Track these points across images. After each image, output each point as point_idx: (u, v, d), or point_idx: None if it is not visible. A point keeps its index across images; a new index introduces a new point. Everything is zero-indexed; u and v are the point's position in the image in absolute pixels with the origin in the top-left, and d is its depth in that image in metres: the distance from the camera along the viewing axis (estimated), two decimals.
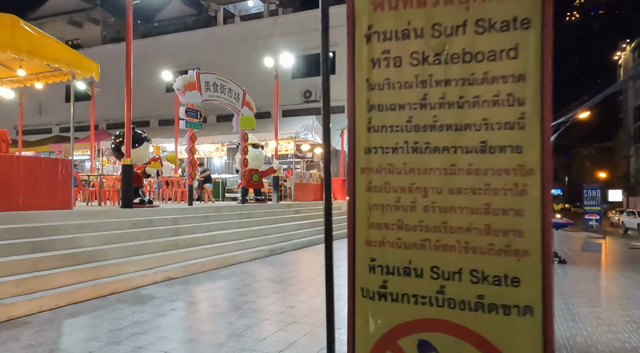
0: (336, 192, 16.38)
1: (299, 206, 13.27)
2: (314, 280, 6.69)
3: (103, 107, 24.64)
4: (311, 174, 15.47)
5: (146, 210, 7.94)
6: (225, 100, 10.67)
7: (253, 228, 9.68)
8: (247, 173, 11.52)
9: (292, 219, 11.72)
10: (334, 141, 17.95)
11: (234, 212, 10.05)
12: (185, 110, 9.36)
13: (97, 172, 16.64)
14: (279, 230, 10.43)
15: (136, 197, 8.48)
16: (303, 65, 20.97)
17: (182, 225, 8.08)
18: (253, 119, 11.66)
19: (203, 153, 17.35)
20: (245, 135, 11.46)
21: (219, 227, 8.89)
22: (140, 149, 8.63)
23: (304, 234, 11.08)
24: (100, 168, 17.18)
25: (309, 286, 6.17)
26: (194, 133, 9.68)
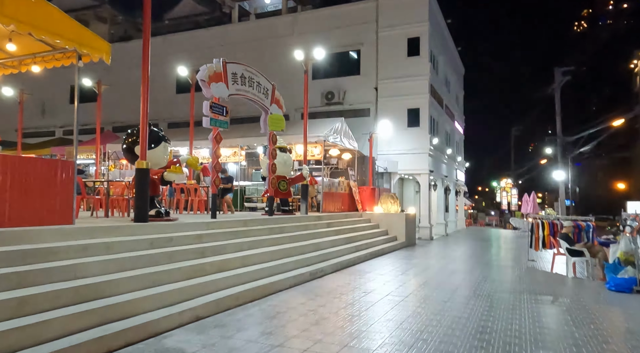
0: (364, 202, 14.87)
1: (330, 218, 11.76)
2: (386, 323, 5.15)
3: (109, 109, 23.28)
4: (339, 183, 13.97)
5: (164, 225, 6.45)
6: (253, 96, 9.22)
7: (287, 246, 8.17)
8: (274, 180, 10.03)
9: (326, 234, 10.20)
10: (360, 146, 16.46)
11: (264, 226, 8.55)
12: (210, 106, 7.91)
13: (103, 177, 15.22)
14: (314, 248, 8.92)
15: (152, 208, 7.00)
16: (324, 65, 19.55)
17: (208, 244, 6.58)
18: (282, 118, 10.21)
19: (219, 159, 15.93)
20: (274, 137, 9.99)
21: (250, 245, 7.39)
22: (157, 151, 7.16)
23: (341, 252, 9.56)
24: (106, 173, 15.76)
25: (385, 330, 4.64)
26: (219, 133, 8.22)
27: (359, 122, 17.86)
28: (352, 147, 15.40)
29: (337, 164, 16.20)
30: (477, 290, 7.10)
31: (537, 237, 10.80)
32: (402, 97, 17.68)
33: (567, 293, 7.14)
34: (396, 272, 8.69)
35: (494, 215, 56.18)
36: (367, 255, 10.38)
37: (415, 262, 10.28)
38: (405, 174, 18.00)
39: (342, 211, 13.88)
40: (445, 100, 21.63)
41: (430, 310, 5.69)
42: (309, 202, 14.38)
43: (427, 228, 16.82)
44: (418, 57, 17.55)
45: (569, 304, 6.27)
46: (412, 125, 17.57)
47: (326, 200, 12.94)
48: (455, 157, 24.17)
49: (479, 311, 5.68)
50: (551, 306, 6.18)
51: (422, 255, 11.86)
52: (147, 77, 6.61)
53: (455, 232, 23.26)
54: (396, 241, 13.39)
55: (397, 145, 17.61)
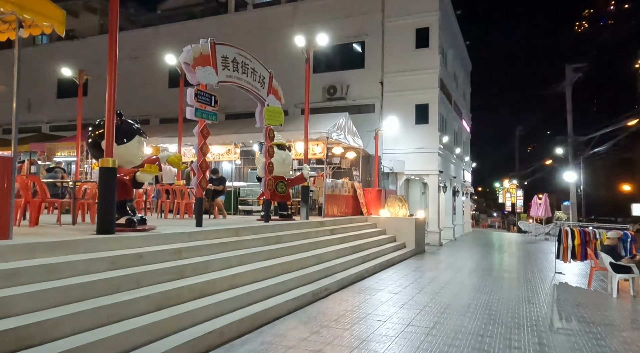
0: (369, 205, 13.66)
1: (333, 224, 10.55)
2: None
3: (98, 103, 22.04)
4: (343, 184, 12.75)
5: (134, 238, 5.23)
6: (247, 85, 8.00)
7: (285, 259, 6.96)
8: (271, 181, 8.81)
9: (329, 243, 8.99)
10: (364, 144, 15.25)
11: (258, 236, 7.34)
12: (196, 94, 6.68)
13: (83, 177, 13.96)
14: (316, 260, 7.71)
15: (122, 216, 5.79)
16: (326, 57, 18.33)
17: (189, 260, 5.36)
18: (281, 111, 8.99)
19: (212, 156, 14.65)
20: (271, 132, 8.77)
21: (241, 260, 6.17)
22: (130, 146, 5.95)
23: (347, 264, 8.35)
24: (89, 172, 14.52)
25: None
26: (206, 126, 6.99)
27: (363, 118, 16.64)
28: (357, 145, 14.19)
29: (340, 164, 14.98)
30: (515, 316, 5.90)
31: (566, 246, 9.59)
32: (409, 91, 16.46)
33: (624, 322, 5.95)
34: (411, 289, 7.48)
35: (496, 216, 55.11)
36: (375, 266, 9.18)
37: (430, 275, 9.08)
38: (413, 174, 16.80)
39: (346, 215, 12.67)
40: (454, 97, 20.43)
41: (467, 349, 4.49)
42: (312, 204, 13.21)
43: (435, 233, 15.62)
44: (427, 49, 16.33)
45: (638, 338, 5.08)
46: (420, 122, 16.36)
47: (329, 203, 11.73)
48: (463, 156, 22.98)
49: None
50: (617, 341, 4.98)
51: (434, 265, 10.66)
52: (115, 52, 5.39)
53: (463, 235, 22.07)
54: (405, 249, 12.19)
55: (404, 144, 16.40)
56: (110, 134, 5.28)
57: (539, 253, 14.61)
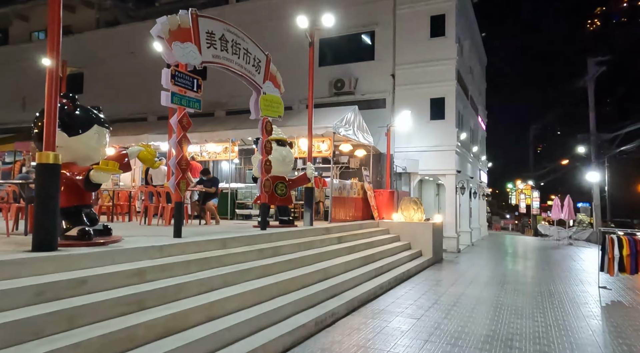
0: (380, 208, 12.37)
1: (341, 230, 9.29)
2: None
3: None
4: (352, 185, 11.48)
5: (82, 256, 4.01)
6: (239, 68, 6.76)
7: (283, 276, 5.71)
8: (269, 182, 7.57)
9: (337, 253, 7.73)
10: (375, 141, 13.96)
11: (251, 247, 6.09)
12: (172, 75, 5.46)
13: None
14: (321, 276, 6.45)
15: (74, 226, 4.58)
16: (333, 49, 17.10)
17: (154, 285, 4.12)
18: (280, 100, 7.75)
19: (207, 155, 13.48)
20: (268, 125, 7.53)
21: (225, 280, 4.93)
22: (86, 138, 4.75)
23: (357, 280, 7.09)
24: None
25: None
26: (186, 115, 5.76)
27: (373, 114, 15.34)
28: (367, 142, 12.90)
29: (348, 163, 13.70)
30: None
31: (612, 257, 8.23)
32: (424, 84, 15.15)
33: None
34: (435, 312, 6.19)
35: (509, 218, 53.40)
36: (390, 281, 7.89)
37: (454, 292, 7.77)
38: (428, 174, 15.48)
39: (356, 219, 11.40)
40: (471, 91, 19.08)
41: None
42: (315, 208, 11.97)
43: (453, 239, 14.28)
44: (443, 38, 15.01)
45: None
46: (435, 118, 15.04)
47: (336, 206, 10.46)
48: (479, 156, 21.59)
49: None
50: None
51: (457, 278, 9.34)
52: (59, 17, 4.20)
53: (480, 240, 20.67)
54: (422, 257, 10.88)
55: (418, 141, 15.09)
56: (51, 120, 4.07)
57: (569, 261, 13.21)
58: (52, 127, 4.08)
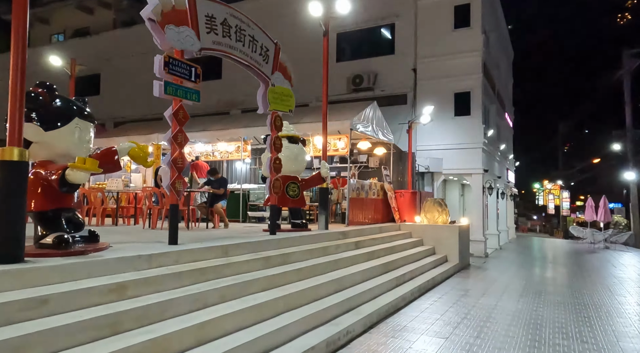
0: (402, 210, 11.60)
1: (359, 234, 8.58)
2: None
3: (111, 103, 20.91)
4: (370, 185, 10.74)
5: (50, 269, 3.42)
6: (243, 56, 6.13)
7: (291, 288, 5.05)
8: (279, 183, 6.91)
9: (354, 260, 7.02)
10: (395, 139, 13.18)
11: (257, 255, 5.45)
12: (166, 63, 4.87)
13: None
14: (335, 287, 5.76)
15: (50, 232, 4.02)
16: (351, 44, 16.40)
17: (134, 302, 3.51)
18: (290, 93, 7.10)
19: (219, 155, 12.95)
20: (277, 120, 6.88)
21: (223, 294, 4.29)
22: (63, 133, 4.20)
23: (376, 290, 6.37)
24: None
25: None
26: (182, 108, 5.16)
27: (393, 111, 14.57)
28: (387, 139, 12.13)
29: (367, 162, 12.96)
30: None
31: None
32: (447, 78, 14.29)
33: None
34: (466, 330, 5.42)
35: (536, 219, 51.50)
36: (413, 291, 7.14)
37: (486, 303, 6.96)
38: (452, 174, 14.60)
39: (375, 222, 10.65)
40: (497, 86, 18.07)
41: None
42: (334, 210, 11.29)
43: (480, 243, 13.36)
44: (468, 28, 14.12)
45: None
46: (460, 114, 14.16)
47: (353, 208, 9.74)
48: (506, 154, 20.51)
49: None
50: None
51: (487, 286, 8.50)
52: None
53: (508, 243, 19.60)
54: (447, 263, 10.06)
55: (442, 139, 14.24)
56: (16, 110, 3.51)
57: (609, 267, 12.14)
58: (18, 118, 3.52)
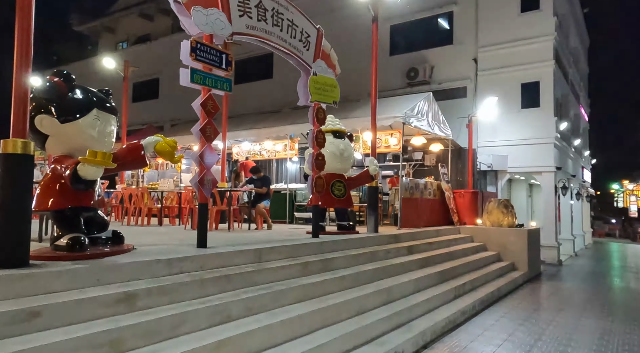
0: (462, 212, 10.60)
1: (412, 238, 7.79)
2: None
3: (168, 106, 21.46)
4: (426, 184, 9.88)
5: (54, 277, 3.06)
6: (281, 42, 5.62)
7: (330, 299, 4.44)
8: (322, 181, 6.33)
9: (405, 268, 6.27)
10: (455, 134, 12.17)
11: (294, 261, 4.89)
12: (192, 48, 4.45)
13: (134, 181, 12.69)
14: (383, 299, 5.07)
15: (66, 233, 3.71)
16: (405, 36, 15.50)
17: (143, 316, 3.07)
18: (335, 83, 6.50)
19: (267, 154, 12.63)
20: (320, 112, 6.30)
21: (249, 306, 3.77)
22: (81, 125, 3.86)
23: (431, 303, 5.60)
24: (139, 174, 13.26)
25: None
26: (211, 98, 4.71)
27: (452, 105, 13.52)
28: (444, 135, 11.16)
29: (422, 159, 12.05)
30: None
31: None
32: (513, 68, 13.01)
33: None
34: None
35: (615, 223, 47.07)
36: (475, 304, 6.26)
37: (564, 322, 5.93)
38: (518, 172, 13.28)
39: (431, 225, 9.77)
40: (571, 75, 16.34)
41: None
42: (390, 211, 10.55)
43: (553, 249, 11.99)
44: (537, 11, 12.76)
45: None
46: (528, 106, 12.83)
47: (407, 209, 8.95)
48: (581, 151, 18.57)
49: None
50: None
51: (563, 300, 7.38)
52: None
53: (584, 249, 17.70)
54: (515, 272, 8.97)
55: (506, 134, 12.98)
56: (20, 98, 3.19)
57: None
58: (22, 108, 3.21)
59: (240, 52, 17.83)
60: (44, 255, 3.50)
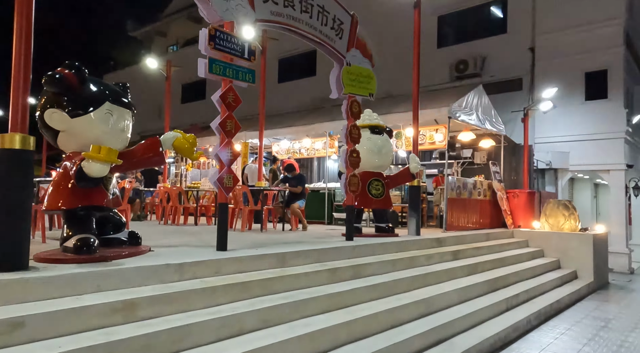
0: (516, 214, 9.72)
1: (458, 242, 7.13)
2: None
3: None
4: (475, 184, 9.12)
5: (50, 282, 2.83)
6: (309, 30, 5.22)
7: (360, 310, 3.98)
8: (356, 179, 5.86)
9: (449, 275, 5.67)
10: (509, 129, 11.25)
11: (321, 266, 4.48)
12: (211, 36, 4.15)
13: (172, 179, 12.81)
14: (422, 310, 4.53)
15: (75, 234, 3.52)
16: (454, 27, 14.64)
17: (141, 328, 2.77)
18: (370, 74, 6.01)
19: (306, 152, 12.31)
20: (355, 106, 5.83)
21: (265, 317, 3.39)
22: (92, 120, 3.66)
23: (479, 315, 4.97)
24: (183, 173, 13.39)
25: None
26: (232, 90, 4.39)
27: (505, 99, 12.55)
28: (496, 129, 10.29)
29: (472, 157, 11.22)
30: None
31: None
32: (575, 55, 11.85)
33: None
34: None
35: None
36: (530, 319, 5.54)
37: (639, 342, 5.09)
38: (582, 171, 12.07)
39: (480, 227, 9.01)
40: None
41: None
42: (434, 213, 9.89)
43: (623, 256, 10.76)
44: None
45: None
46: (593, 97, 11.62)
47: (453, 210, 8.27)
48: None
49: None
50: None
51: (638, 315, 6.43)
52: None
53: None
54: (577, 281, 8.03)
55: (568, 129, 11.84)
56: (19, 88, 3.00)
57: None
58: (21, 101, 3.01)
59: (283, 49, 17.69)
60: (49, 257, 3.32)
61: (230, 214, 7.54)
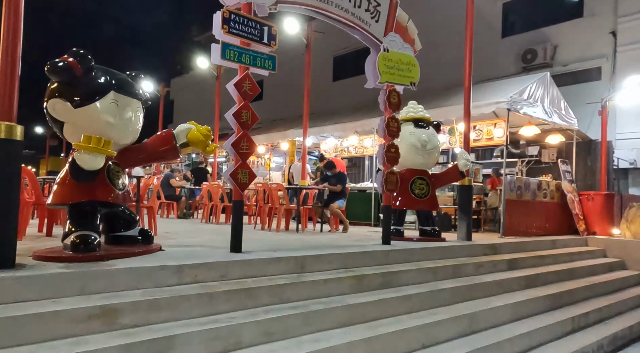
0: (591, 218, 8.53)
1: (516, 249, 6.29)
2: None
3: (271, 106, 21.88)
4: (539, 184, 8.10)
5: (30, 282, 2.62)
6: (340, 12, 4.74)
7: (386, 326, 3.46)
8: (394, 177, 5.27)
9: (501, 287, 4.93)
10: (583, 124, 9.99)
11: (345, 273, 3.99)
12: (225, 19, 3.82)
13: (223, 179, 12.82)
14: (464, 328, 3.90)
15: (77, 230, 3.34)
16: (522, 13, 13.43)
17: (116, 339, 2.47)
18: (413, 60, 5.40)
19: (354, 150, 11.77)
20: (393, 96, 5.26)
21: (269, 330, 2.98)
22: (95, 110, 3.44)
23: (534, 338, 4.24)
24: None
25: None
26: (248, 76, 4.03)
27: (580, 90, 11.25)
28: (567, 124, 9.11)
29: (539, 155, 10.06)
30: None
31: None
32: None
33: None
34: None
35: None
36: (601, 343, 4.66)
37: None
38: None
39: (546, 233, 7.99)
40: None
41: None
42: (488, 216, 8.98)
43: None
44: None
45: None
46: None
47: (512, 213, 7.36)
48: None
49: None
50: None
51: None
52: None
53: None
54: None
55: None
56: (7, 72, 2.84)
57: None
58: (9, 87, 2.84)
59: (337, 48, 17.33)
60: (47, 254, 3.14)
61: (267, 213, 7.25)
